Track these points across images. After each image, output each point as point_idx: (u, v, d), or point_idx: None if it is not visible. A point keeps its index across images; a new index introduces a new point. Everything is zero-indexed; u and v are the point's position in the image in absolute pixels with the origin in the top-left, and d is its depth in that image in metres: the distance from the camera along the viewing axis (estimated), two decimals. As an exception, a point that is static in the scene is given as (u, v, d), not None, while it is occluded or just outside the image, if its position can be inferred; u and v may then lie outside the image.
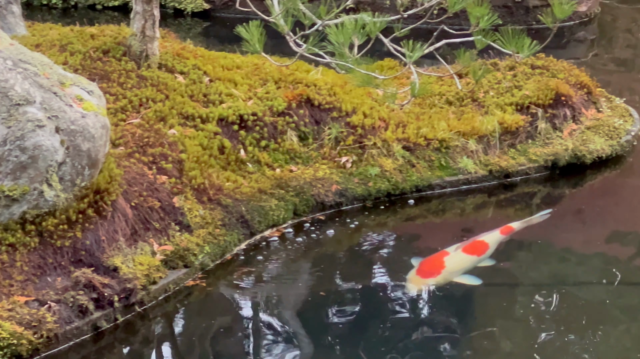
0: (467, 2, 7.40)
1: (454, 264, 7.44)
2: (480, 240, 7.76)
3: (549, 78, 9.29)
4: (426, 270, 7.38)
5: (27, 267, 6.86)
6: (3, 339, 6.40)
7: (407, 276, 7.37)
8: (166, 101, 8.43)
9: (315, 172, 8.38)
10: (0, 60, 7.02)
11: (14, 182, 6.90)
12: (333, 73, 8.57)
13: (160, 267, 7.29)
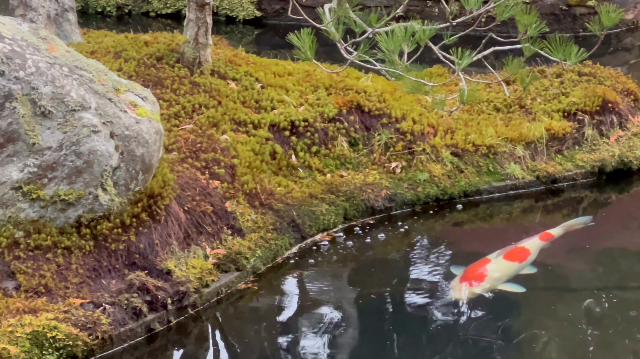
0: (515, 10, 7.38)
1: (496, 271, 7.41)
2: (521, 246, 7.71)
3: (596, 85, 9.26)
4: (469, 277, 7.35)
5: (82, 270, 6.89)
6: (59, 340, 6.43)
7: (451, 284, 7.36)
8: (219, 107, 8.45)
9: (365, 177, 8.39)
10: (56, 66, 7.05)
11: (69, 186, 6.94)
12: (383, 80, 8.57)
13: (212, 270, 7.31)
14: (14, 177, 6.85)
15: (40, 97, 6.87)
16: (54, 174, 6.91)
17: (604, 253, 8.07)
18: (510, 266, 7.49)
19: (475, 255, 7.81)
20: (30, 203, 6.91)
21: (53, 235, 6.91)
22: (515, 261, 7.53)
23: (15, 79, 6.83)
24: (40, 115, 6.88)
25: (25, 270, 6.76)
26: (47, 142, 6.88)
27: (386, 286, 7.69)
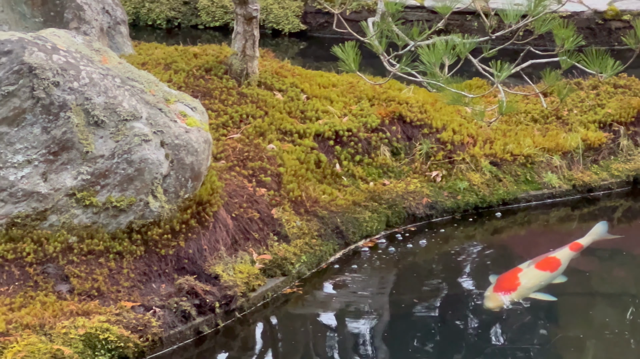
0: (552, 24, 7.39)
1: (528, 280, 7.40)
2: (552, 256, 7.70)
3: (631, 97, 9.25)
4: (503, 286, 7.35)
5: (133, 274, 6.92)
6: (111, 342, 6.47)
7: (485, 294, 7.35)
8: (265, 117, 8.48)
9: (406, 185, 8.40)
10: (109, 78, 7.10)
11: (121, 194, 6.98)
12: (424, 91, 8.58)
13: (259, 275, 7.33)
14: (68, 184, 6.90)
15: (93, 107, 6.92)
16: (107, 181, 6.95)
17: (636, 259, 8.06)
18: (542, 275, 7.48)
19: (513, 261, 7.81)
20: (83, 209, 6.95)
21: (105, 240, 6.95)
22: (546, 270, 7.53)
23: (69, 90, 6.88)
24: (93, 124, 6.92)
25: (79, 274, 6.79)
26: (100, 150, 6.92)
27: (427, 292, 7.70)
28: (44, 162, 6.86)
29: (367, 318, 7.39)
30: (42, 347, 6.34)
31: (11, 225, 6.88)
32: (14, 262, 6.79)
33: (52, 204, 6.89)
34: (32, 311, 6.57)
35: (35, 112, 6.83)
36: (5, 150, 6.82)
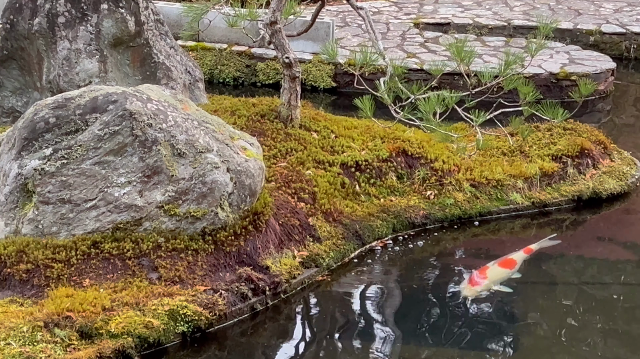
0: (518, 83, 7.37)
1: (493, 276, 7.40)
2: (510, 257, 7.69)
3: (576, 137, 9.24)
4: (474, 280, 7.35)
5: (205, 266, 6.93)
6: (188, 316, 6.50)
7: (462, 285, 7.38)
8: (304, 151, 8.48)
9: (408, 201, 8.38)
10: (189, 121, 7.13)
11: (197, 206, 7.00)
12: (421, 132, 8.56)
13: (298, 267, 7.33)
14: (158, 199, 6.92)
15: (177, 142, 6.94)
16: (187, 197, 6.97)
17: (578, 258, 8.02)
18: (503, 272, 7.48)
19: (485, 259, 7.80)
20: (169, 217, 6.97)
21: (185, 240, 6.97)
22: (506, 268, 7.53)
23: (159, 129, 6.91)
24: (177, 155, 6.95)
25: (165, 266, 6.81)
26: (182, 174, 6.94)
27: (422, 279, 7.69)
28: (140, 182, 6.89)
29: (379, 298, 7.42)
30: (137, 319, 6.37)
31: (115, 229, 6.91)
32: (117, 256, 6.81)
33: (146, 214, 6.91)
34: (130, 292, 6.60)
35: (134, 146, 6.86)
36: (112, 173, 6.86)
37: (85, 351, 6.15)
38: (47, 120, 6.92)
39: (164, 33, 9.27)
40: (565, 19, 14.70)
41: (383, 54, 7.76)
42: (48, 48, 8.74)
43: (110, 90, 7.05)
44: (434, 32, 13.96)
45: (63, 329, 6.22)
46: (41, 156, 6.86)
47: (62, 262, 6.72)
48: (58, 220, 6.86)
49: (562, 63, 12.22)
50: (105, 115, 6.88)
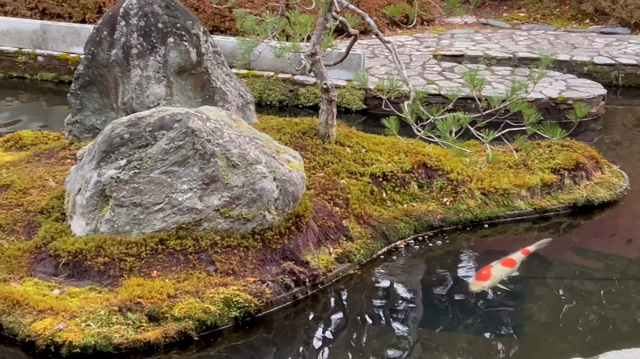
0: (522, 106, 7.35)
1: (497, 273, 7.38)
2: (511, 258, 7.66)
3: (572, 152, 9.19)
4: (480, 277, 7.35)
5: (255, 260, 6.95)
6: (240, 303, 6.52)
7: (470, 281, 7.37)
8: (339, 163, 8.48)
9: (427, 207, 8.36)
10: (242, 137, 7.15)
11: (248, 209, 7.02)
12: (439, 148, 8.52)
13: (333, 262, 7.33)
14: (215, 203, 6.95)
15: (231, 155, 6.97)
16: (239, 202, 6.99)
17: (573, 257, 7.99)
18: (504, 270, 7.46)
19: (492, 257, 7.78)
20: (224, 219, 6.99)
21: (237, 238, 6.99)
22: (508, 267, 7.50)
23: (217, 144, 6.94)
24: (231, 166, 6.97)
25: (221, 260, 6.83)
26: (235, 182, 6.97)
27: (439, 274, 7.67)
28: (200, 189, 6.92)
29: (402, 289, 7.40)
30: (196, 305, 6.39)
31: (179, 228, 6.94)
32: (180, 252, 6.84)
33: (204, 216, 6.94)
34: (191, 283, 6.62)
35: (195, 158, 6.89)
36: (176, 181, 6.90)
37: (152, 332, 6.20)
38: (122, 136, 6.98)
39: (220, 62, 9.32)
40: (563, 51, 14.65)
41: (407, 81, 7.76)
42: (123, 75, 8.81)
43: (175, 111, 7.10)
44: (450, 62, 13.94)
45: (134, 313, 6.26)
46: (117, 166, 6.91)
47: (133, 256, 6.77)
48: (130, 220, 6.91)
49: (560, 89, 12.17)
50: (171, 132, 6.92)
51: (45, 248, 6.96)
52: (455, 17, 17.05)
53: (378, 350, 6.43)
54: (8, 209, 7.59)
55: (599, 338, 6.53)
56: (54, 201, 7.51)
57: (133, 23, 8.78)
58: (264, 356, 6.32)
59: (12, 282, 6.66)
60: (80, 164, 7.28)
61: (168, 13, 8.89)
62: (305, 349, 6.49)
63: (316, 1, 8.26)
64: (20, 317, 6.27)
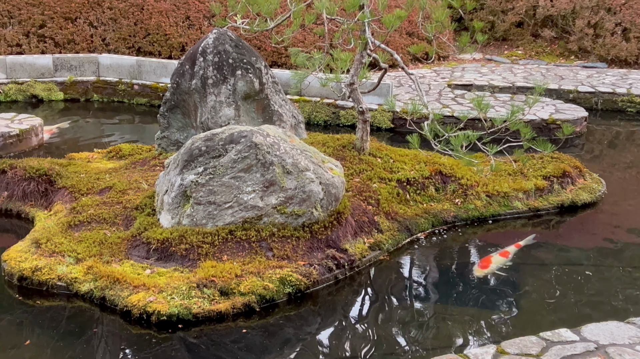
0: (519, 125, 7.31)
1: (495, 262, 7.32)
2: (506, 250, 7.57)
3: (560, 163, 9.11)
4: (482, 265, 7.30)
5: (304, 248, 6.96)
6: (292, 281, 6.53)
7: (474, 268, 7.30)
8: (372, 171, 8.47)
9: (442, 206, 8.32)
10: (295, 149, 7.17)
11: (299, 207, 7.03)
12: (452, 159, 8.49)
13: (367, 249, 7.32)
14: (273, 202, 6.97)
15: (286, 164, 6.99)
16: (292, 201, 7.01)
17: (560, 247, 7.91)
18: (501, 259, 7.39)
19: (494, 247, 7.73)
20: (280, 215, 7.01)
21: (290, 230, 7.00)
22: (503, 257, 7.44)
23: (275, 155, 6.97)
24: (286, 172, 6.99)
25: (277, 247, 6.85)
26: (289, 185, 6.99)
27: (451, 260, 7.63)
28: (261, 191, 6.95)
29: (422, 272, 7.37)
30: (258, 283, 6.41)
31: (244, 222, 6.97)
32: (245, 241, 6.87)
33: (264, 212, 6.97)
34: (254, 265, 6.64)
35: (257, 166, 6.93)
36: (242, 185, 6.93)
37: (223, 304, 6.23)
38: (200, 148, 7.04)
39: (278, 90, 9.36)
40: (553, 82, 14.53)
41: (426, 105, 7.74)
42: (201, 100, 8.88)
43: (242, 129, 7.15)
44: (461, 90, 13.87)
45: (209, 289, 6.30)
46: (196, 172, 6.97)
47: (208, 244, 6.82)
48: (206, 215, 6.96)
49: (550, 112, 12.05)
50: (238, 145, 6.96)
51: (139, 237, 7.03)
52: (465, 54, 17.01)
53: (402, 319, 6.42)
54: (110, 206, 7.69)
55: (581, 313, 6.46)
56: (147, 200, 7.59)
57: (209, 59, 8.86)
58: (311, 324, 6.33)
59: (114, 263, 6.75)
60: (167, 170, 7.35)
61: (237, 51, 8.95)
62: (344, 319, 6.50)
63: (354, 41, 8.27)
64: (120, 291, 6.34)
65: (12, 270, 6.75)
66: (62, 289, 6.55)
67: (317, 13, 7.78)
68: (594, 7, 16.97)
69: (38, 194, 8.25)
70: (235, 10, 8.28)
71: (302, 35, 14.39)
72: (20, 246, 7.11)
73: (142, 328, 6.07)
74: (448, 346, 5.96)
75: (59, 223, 7.42)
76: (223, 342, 5.97)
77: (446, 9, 8.09)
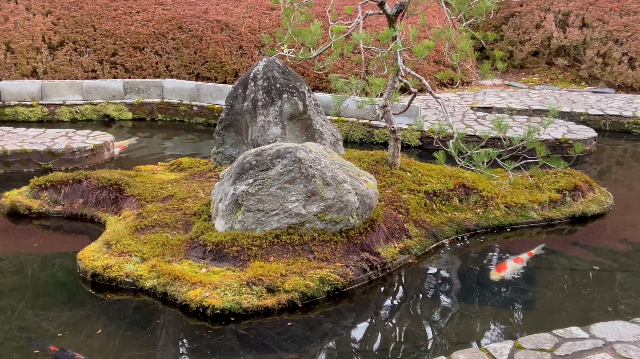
0: (535, 144, 7.23)
1: (510, 267, 7.25)
2: (520, 257, 7.49)
3: (572, 178, 8.99)
4: (499, 269, 7.22)
5: (341, 251, 6.94)
6: (331, 281, 6.52)
7: (491, 272, 7.23)
8: (402, 183, 8.43)
9: (465, 215, 8.25)
10: (334, 164, 7.17)
11: (337, 215, 7.02)
12: (474, 173, 8.43)
13: (397, 254, 7.28)
14: (314, 211, 6.98)
15: (326, 177, 6.99)
16: (331, 210, 7.01)
17: (570, 253, 7.80)
18: (515, 265, 7.31)
19: (513, 252, 7.65)
20: (320, 222, 7.01)
21: (329, 235, 6.99)
22: (517, 263, 7.35)
23: (316, 169, 6.97)
24: (326, 184, 7.00)
25: (318, 250, 6.85)
26: (328, 196, 6.99)
27: (473, 263, 7.55)
28: (303, 200, 6.95)
29: (447, 273, 7.30)
30: (300, 282, 6.41)
31: (289, 228, 6.98)
32: (290, 244, 6.87)
33: (306, 219, 6.97)
34: (297, 266, 6.65)
35: (300, 179, 6.94)
36: (287, 195, 6.95)
37: (270, 300, 6.25)
38: (250, 162, 7.08)
39: (319, 111, 9.38)
40: (565, 105, 14.35)
41: (451, 125, 7.70)
42: (252, 120, 8.93)
43: (287, 145, 7.17)
44: (483, 112, 13.75)
45: (257, 286, 6.32)
46: (247, 183, 7.01)
47: (257, 246, 6.84)
48: (255, 221, 6.99)
49: (563, 132, 11.90)
50: (284, 160, 6.99)
51: (197, 240, 7.09)
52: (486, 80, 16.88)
53: (428, 316, 6.38)
54: (172, 212, 7.76)
55: (590, 313, 6.36)
56: (203, 207, 7.65)
57: (259, 84, 8.91)
58: (347, 319, 6.32)
59: (174, 263, 6.80)
60: (222, 181, 7.40)
61: (283, 77, 9.00)
62: (376, 315, 6.47)
63: (387, 68, 8.27)
64: (179, 287, 6.39)
65: (86, 267, 6.84)
66: (129, 285, 6.63)
67: (354, 43, 7.79)
68: (603, 39, 16.79)
69: (109, 201, 8.36)
70: (283, 40, 8.34)
71: (341, 63, 14.41)
72: (93, 246, 7.21)
73: (199, 320, 6.11)
74: (470, 341, 5.91)
75: (127, 227, 7.51)
76: (269, 334, 5.99)
77: (470, 39, 8.05)
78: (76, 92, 13.76)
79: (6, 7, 14.92)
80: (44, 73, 14.54)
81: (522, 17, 17.88)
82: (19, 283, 6.83)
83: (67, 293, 6.63)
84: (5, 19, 14.73)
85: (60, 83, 13.73)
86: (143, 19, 14.99)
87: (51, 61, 14.59)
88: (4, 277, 6.96)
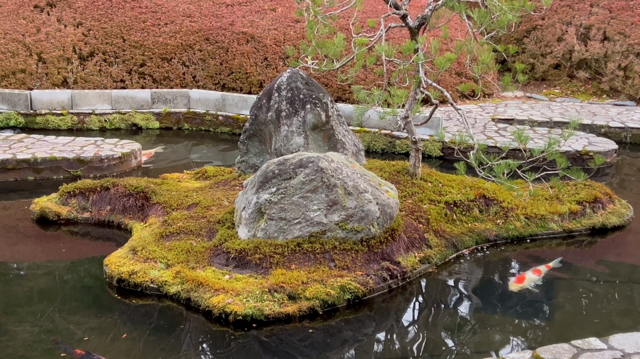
0: (555, 156, 7.18)
1: (528, 278, 7.19)
2: (538, 268, 7.43)
3: (592, 190, 8.91)
4: (517, 280, 7.17)
5: (362, 260, 6.94)
6: (351, 289, 6.51)
7: (509, 283, 7.19)
8: (422, 194, 8.40)
9: (485, 226, 8.20)
10: (355, 174, 7.17)
11: (358, 224, 7.02)
12: (495, 184, 8.38)
13: (417, 263, 7.25)
14: (335, 219, 6.98)
15: (347, 186, 6.99)
16: (352, 219, 7.00)
17: (590, 265, 7.71)
18: (534, 277, 7.26)
19: (531, 264, 7.59)
20: (341, 230, 7.01)
21: (350, 244, 6.99)
22: (535, 275, 7.29)
23: (338, 179, 6.98)
24: (347, 194, 7.00)
25: (338, 258, 6.85)
26: (350, 205, 6.98)
27: (493, 273, 7.50)
28: (325, 209, 6.96)
29: (467, 283, 7.26)
30: (321, 289, 6.41)
31: (310, 236, 6.98)
32: (311, 252, 6.88)
33: (328, 228, 6.98)
34: (318, 274, 6.65)
35: (322, 188, 6.95)
36: (309, 203, 6.95)
37: (291, 307, 6.25)
38: (273, 172, 7.10)
39: (342, 122, 9.39)
40: (586, 118, 14.23)
41: (472, 136, 7.67)
42: (275, 130, 8.97)
43: (310, 155, 7.19)
44: (504, 124, 13.69)
45: (279, 294, 6.33)
46: (269, 192, 7.03)
47: (279, 254, 6.85)
48: (278, 229, 7.01)
49: (583, 144, 11.81)
50: (306, 169, 7.00)
51: (220, 247, 7.11)
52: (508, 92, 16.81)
53: (447, 325, 6.35)
54: (196, 219, 7.80)
55: (608, 324, 6.29)
56: (227, 215, 7.68)
57: (283, 94, 8.95)
58: (367, 327, 6.31)
59: (198, 269, 6.83)
60: (245, 190, 7.43)
61: (307, 88, 9.03)
62: (396, 323, 6.45)
63: (409, 80, 8.26)
64: (203, 293, 6.42)
65: (112, 273, 6.90)
66: (154, 290, 6.67)
67: (377, 55, 7.80)
68: (624, 52, 16.65)
69: (136, 208, 8.43)
70: (307, 52, 8.37)
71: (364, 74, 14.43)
72: (120, 252, 7.27)
73: (221, 325, 6.13)
74: (488, 351, 5.87)
75: (152, 234, 7.56)
76: (290, 340, 5.99)
77: (491, 52, 8.02)
78: (105, 101, 13.92)
79: (38, 19, 15.15)
80: (74, 83, 14.73)
81: (543, 31, 17.79)
82: (47, 287, 6.90)
83: (93, 298, 6.69)
84: (37, 30, 14.95)
85: (89, 92, 13.90)
86: (171, 31, 15.14)
87: (81, 71, 14.78)
88: (34, 281, 7.04)
